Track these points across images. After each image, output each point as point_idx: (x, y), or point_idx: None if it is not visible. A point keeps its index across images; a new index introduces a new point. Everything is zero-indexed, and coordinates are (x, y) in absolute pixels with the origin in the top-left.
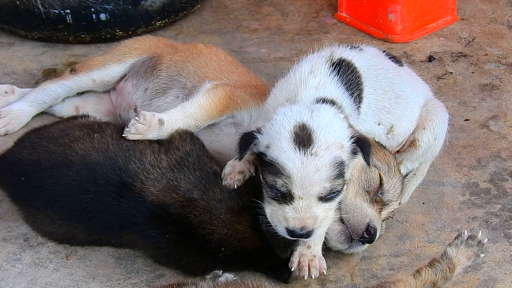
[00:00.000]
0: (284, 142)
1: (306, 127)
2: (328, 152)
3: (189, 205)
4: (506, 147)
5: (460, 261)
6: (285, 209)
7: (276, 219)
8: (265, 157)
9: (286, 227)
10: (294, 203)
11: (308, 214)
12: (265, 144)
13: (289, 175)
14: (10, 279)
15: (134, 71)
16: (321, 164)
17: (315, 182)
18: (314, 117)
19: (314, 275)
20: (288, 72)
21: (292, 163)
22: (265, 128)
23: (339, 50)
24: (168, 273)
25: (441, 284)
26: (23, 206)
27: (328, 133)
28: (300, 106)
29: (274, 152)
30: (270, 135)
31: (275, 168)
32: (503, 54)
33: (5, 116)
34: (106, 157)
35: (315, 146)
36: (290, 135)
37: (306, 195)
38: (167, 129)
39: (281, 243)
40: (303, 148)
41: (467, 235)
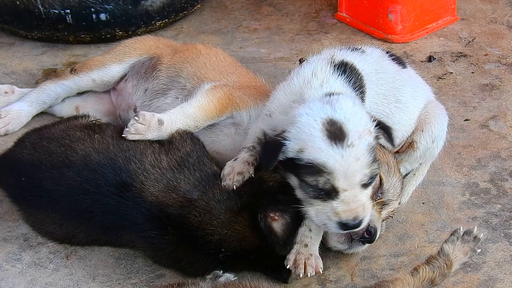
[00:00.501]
0: (319, 142)
1: (334, 121)
2: (362, 140)
3: (189, 206)
4: (506, 147)
5: (457, 257)
6: (333, 204)
7: (324, 217)
8: (300, 161)
9: (338, 221)
10: (340, 196)
11: (356, 203)
12: (297, 149)
13: (331, 171)
14: (10, 279)
15: (134, 72)
16: (359, 153)
17: (357, 171)
18: (337, 109)
19: (310, 274)
20: (289, 75)
21: (333, 159)
22: (290, 133)
23: (340, 52)
24: (168, 273)
25: (439, 281)
26: (23, 206)
27: (357, 122)
28: (317, 103)
29: (311, 154)
30: (300, 139)
31: (315, 169)
32: (503, 54)
33: (5, 116)
34: (107, 157)
35: (349, 137)
36: (322, 133)
37: (350, 185)
38: (166, 130)
39: (280, 240)
40: (339, 142)
41: (463, 230)
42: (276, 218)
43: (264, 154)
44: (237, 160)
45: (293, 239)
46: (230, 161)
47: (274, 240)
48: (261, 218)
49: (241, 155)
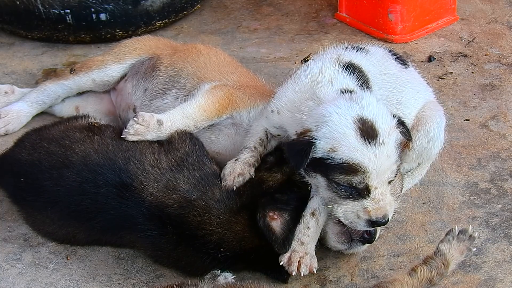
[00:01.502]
0: (353, 141)
1: (365, 120)
2: (391, 137)
3: (188, 206)
4: (506, 147)
5: (454, 256)
6: (364, 203)
7: (353, 216)
8: (331, 160)
9: (368, 220)
10: (371, 194)
11: (385, 201)
12: (328, 149)
13: (366, 171)
14: (10, 279)
15: (134, 71)
16: (390, 150)
17: (387, 168)
18: (365, 107)
19: (303, 273)
20: (296, 73)
21: (367, 158)
22: (320, 132)
23: (346, 52)
24: (168, 273)
25: (437, 280)
26: (23, 207)
27: (384, 119)
28: (342, 101)
29: (345, 153)
30: (333, 138)
31: (350, 168)
32: (503, 54)
33: (5, 116)
34: (106, 158)
35: (381, 135)
36: (355, 132)
37: (380, 183)
38: (166, 130)
39: (279, 239)
40: (372, 140)
41: (458, 230)
42: (275, 217)
43: (293, 155)
44: (239, 160)
45: (292, 238)
46: (231, 161)
47: (273, 239)
48: (260, 217)
49: (243, 156)
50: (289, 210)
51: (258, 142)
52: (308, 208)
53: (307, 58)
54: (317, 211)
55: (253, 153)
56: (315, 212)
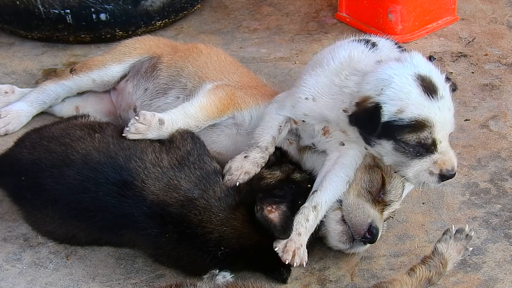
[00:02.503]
0: (419, 98)
1: (424, 77)
2: (446, 90)
3: (190, 204)
4: (506, 147)
5: (451, 255)
6: (433, 158)
7: (425, 174)
8: (400, 121)
9: (439, 174)
10: (438, 148)
11: (451, 152)
12: (395, 110)
13: (433, 124)
14: (10, 279)
15: (134, 71)
16: (449, 103)
17: (450, 120)
18: (419, 65)
19: (296, 263)
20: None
21: (434, 112)
22: (385, 96)
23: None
24: (168, 273)
25: (436, 279)
26: (24, 205)
27: (437, 73)
28: (392, 63)
29: (414, 111)
30: (398, 99)
31: (418, 125)
32: (503, 54)
33: (5, 116)
34: (107, 156)
35: (440, 89)
36: (419, 89)
37: (444, 136)
38: (167, 129)
39: (278, 226)
40: (435, 95)
41: (455, 229)
42: (272, 211)
43: (364, 124)
44: (248, 158)
45: (291, 224)
46: (240, 156)
47: (272, 227)
48: (257, 210)
49: (253, 155)
50: (286, 202)
51: (270, 142)
52: (310, 201)
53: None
54: (319, 206)
55: (263, 153)
56: (317, 206)
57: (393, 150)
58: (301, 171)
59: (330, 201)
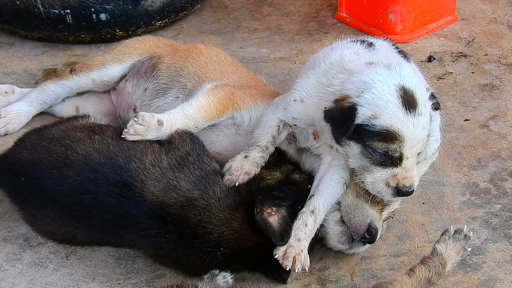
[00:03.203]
0: (395, 109)
1: (406, 89)
2: (426, 109)
3: (189, 205)
4: (506, 147)
5: (450, 256)
6: (395, 171)
7: (381, 184)
8: (371, 127)
9: (395, 187)
10: (403, 163)
11: (413, 171)
12: (369, 115)
13: (403, 139)
14: (10, 279)
15: (134, 71)
16: (425, 122)
17: (421, 140)
18: (405, 77)
19: (297, 269)
20: (315, 62)
21: (407, 127)
22: (363, 98)
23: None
24: (168, 273)
25: (435, 279)
26: (24, 206)
27: (422, 90)
28: (381, 69)
29: (387, 120)
30: (376, 105)
31: (388, 136)
32: (503, 54)
33: (5, 116)
34: (107, 157)
35: (420, 106)
36: (398, 100)
37: (412, 154)
38: (166, 130)
39: (277, 232)
40: (412, 110)
41: (454, 229)
42: (272, 214)
43: (336, 122)
44: (249, 158)
45: (290, 231)
46: (240, 156)
47: (271, 232)
48: (257, 212)
49: (253, 154)
50: (286, 206)
51: (271, 141)
52: (308, 206)
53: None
54: (317, 210)
55: (263, 153)
56: (314, 211)
57: (360, 154)
58: (301, 171)
59: (328, 205)
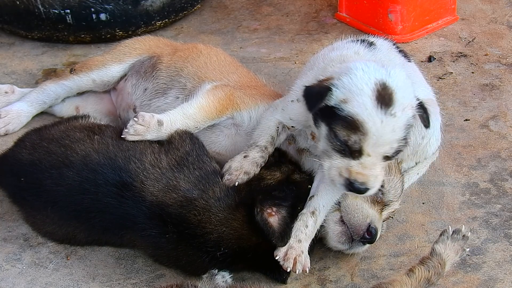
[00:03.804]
0: (366, 99)
1: (387, 86)
2: (404, 114)
3: (189, 205)
4: (506, 147)
5: (449, 256)
6: (351, 163)
7: (335, 172)
8: (340, 111)
9: (347, 178)
10: (361, 159)
11: (372, 171)
12: (341, 98)
13: (366, 133)
14: (10, 279)
15: (134, 71)
16: (398, 126)
17: (388, 142)
18: (392, 76)
19: (298, 271)
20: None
21: (373, 121)
22: (340, 81)
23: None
24: (168, 273)
25: (435, 280)
26: (23, 206)
27: (405, 94)
28: (372, 63)
29: (354, 108)
30: (349, 90)
31: (352, 124)
32: (503, 54)
33: (5, 116)
34: (106, 157)
35: (395, 107)
36: (372, 93)
37: (375, 153)
38: (166, 130)
39: (277, 232)
40: (385, 107)
41: (452, 230)
42: (272, 214)
43: (309, 97)
44: (248, 158)
45: (290, 232)
46: (239, 156)
47: (271, 232)
48: (257, 212)
49: (252, 154)
50: (287, 207)
51: (270, 142)
52: (308, 207)
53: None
54: (317, 211)
55: (263, 153)
56: (315, 212)
57: (325, 137)
58: (301, 171)
59: (328, 205)
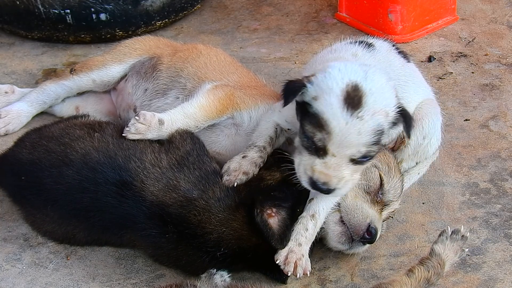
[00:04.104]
0: (334, 99)
1: (358, 88)
2: (373, 118)
3: (189, 205)
4: (506, 147)
5: (448, 256)
6: (315, 161)
7: (302, 169)
8: (310, 108)
9: (310, 177)
10: (326, 158)
11: (335, 172)
12: (312, 95)
13: (330, 132)
14: (10, 279)
15: (134, 72)
16: (364, 129)
17: (353, 145)
18: (368, 79)
19: (299, 275)
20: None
21: (337, 121)
22: (316, 78)
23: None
24: (168, 273)
25: (434, 280)
26: (23, 205)
27: (378, 99)
28: (354, 64)
29: (321, 106)
30: (320, 88)
31: (318, 122)
32: (503, 54)
33: (5, 116)
34: (106, 156)
35: (363, 110)
36: (341, 93)
37: (340, 154)
38: (167, 129)
39: (276, 234)
40: (351, 109)
41: (451, 230)
42: (272, 215)
43: (284, 90)
44: (246, 158)
45: (289, 234)
46: (238, 157)
47: (270, 235)
48: (257, 213)
49: (251, 154)
50: (286, 208)
51: (268, 142)
52: (308, 210)
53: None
54: (317, 214)
55: (261, 153)
56: (315, 215)
57: (299, 133)
58: None
59: (327, 208)
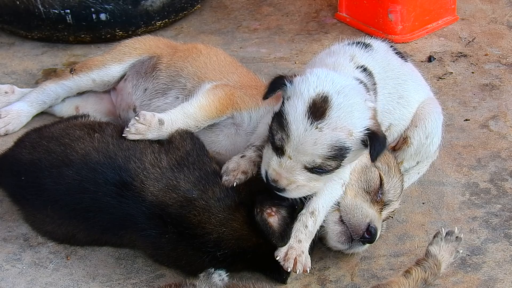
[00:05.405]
0: (300, 103)
1: (327, 100)
2: (333, 133)
3: (189, 205)
4: (506, 147)
5: (444, 257)
6: (273, 158)
7: (265, 160)
8: (281, 107)
9: (266, 171)
10: (282, 158)
11: (287, 174)
12: (288, 95)
13: (288, 135)
14: (10, 279)
15: (134, 71)
16: (320, 141)
17: (308, 153)
18: (340, 94)
19: (299, 271)
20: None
21: (296, 126)
22: (295, 79)
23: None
24: (168, 273)
25: (431, 280)
26: (23, 206)
27: (343, 116)
28: (336, 75)
29: (289, 107)
30: (294, 89)
31: (282, 121)
32: (503, 54)
33: (5, 116)
34: (106, 156)
35: (323, 122)
36: (308, 100)
37: (295, 158)
38: (167, 129)
39: (276, 233)
40: (313, 118)
41: (445, 231)
42: (272, 214)
43: (269, 85)
44: (244, 158)
45: (290, 232)
46: (236, 157)
47: (271, 233)
48: (257, 212)
49: (249, 154)
50: (286, 206)
51: (266, 141)
52: (308, 207)
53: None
54: (317, 211)
55: (259, 152)
56: (314, 212)
57: (269, 127)
58: None
59: (327, 205)
